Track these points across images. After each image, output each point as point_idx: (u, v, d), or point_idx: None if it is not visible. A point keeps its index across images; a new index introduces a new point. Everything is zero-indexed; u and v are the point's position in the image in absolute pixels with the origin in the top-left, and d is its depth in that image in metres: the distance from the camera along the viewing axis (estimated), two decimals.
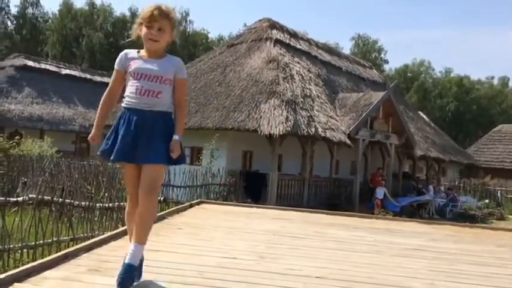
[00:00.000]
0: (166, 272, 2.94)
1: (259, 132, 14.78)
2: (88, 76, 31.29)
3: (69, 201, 6.75)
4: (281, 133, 14.52)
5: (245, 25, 40.95)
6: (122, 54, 2.87)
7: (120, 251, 3.38)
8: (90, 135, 2.83)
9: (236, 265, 3.26)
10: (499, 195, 23.23)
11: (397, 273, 3.37)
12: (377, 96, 18.36)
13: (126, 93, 2.79)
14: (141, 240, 2.66)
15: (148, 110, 2.71)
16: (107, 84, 3.13)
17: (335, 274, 3.19)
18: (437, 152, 22.66)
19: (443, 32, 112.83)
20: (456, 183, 24.76)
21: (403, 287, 3.02)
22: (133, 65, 2.79)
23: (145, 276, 2.86)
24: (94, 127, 2.85)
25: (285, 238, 4.48)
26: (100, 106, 2.86)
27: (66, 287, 2.63)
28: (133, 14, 48.03)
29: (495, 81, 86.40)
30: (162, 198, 8.46)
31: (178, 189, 11.84)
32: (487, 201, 21.19)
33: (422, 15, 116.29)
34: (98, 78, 31.18)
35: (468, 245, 4.88)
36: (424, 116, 31.87)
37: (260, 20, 20.72)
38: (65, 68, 30.70)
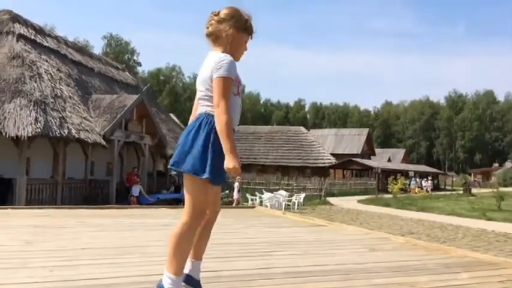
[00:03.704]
0: None
1: (3, 134, 13.69)
2: None
3: None
4: (30, 135, 13.82)
5: None
6: (232, 59, 2.38)
7: None
8: (237, 166, 2.23)
9: (4, 249, 3.64)
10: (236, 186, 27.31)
11: (149, 238, 4.36)
12: (131, 98, 19.22)
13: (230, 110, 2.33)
14: None
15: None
16: None
17: (98, 245, 3.94)
18: None
19: (192, 39, 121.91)
20: None
21: (154, 245, 4.02)
22: (237, 77, 2.42)
23: None
24: (234, 154, 2.22)
25: (49, 229, 4.91)
26: (230, 131, 2.25)
27: None
28: None
29: None
30: None
31: None
32: (227, 191, 24.69)
33: (171, 20, 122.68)
34: None
35: None
36: (175, 118, 34.53)
37: None
38: None
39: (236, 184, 20.81)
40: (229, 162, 2.20)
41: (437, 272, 3.25)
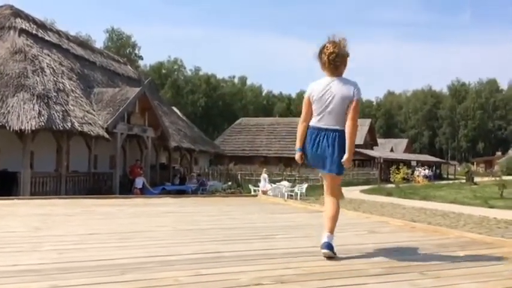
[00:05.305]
0: None
1: (7, 128, 13.82)
2: None
3: None
4: (33, 128, 13.94)
5: None
6: None
7: None
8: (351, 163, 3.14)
9: (16, 234, 3.75)
10: (239, 177, 27.54)
11: (153, 224, 4.47)
12: (133, 91, 19.29)
13: None
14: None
15: None
16: None
17: (104, 230, 4.05)
18: (188, 143, 25.17)
19: (194, 32, 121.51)
20: (206, 170, 28.04)
21: (157, 230, 4.13)
22: None
23: None
24: (353, 154, 3.12)
25: (56, 217, 5.03)
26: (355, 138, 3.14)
27: None
28: None
29: (236, 80, 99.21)
30: None
31: None
32: (230, 183, 24.86)
33: (175, 15, 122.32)
34: None
35: (205, 207, 6.40)
36: (177, 111, 34.60)
37: (1, 7, 18.87)
38: None
39: (263, 176, 21.50)
40: (349, 160, 3.05)
41: (434, 252, 3.34)
